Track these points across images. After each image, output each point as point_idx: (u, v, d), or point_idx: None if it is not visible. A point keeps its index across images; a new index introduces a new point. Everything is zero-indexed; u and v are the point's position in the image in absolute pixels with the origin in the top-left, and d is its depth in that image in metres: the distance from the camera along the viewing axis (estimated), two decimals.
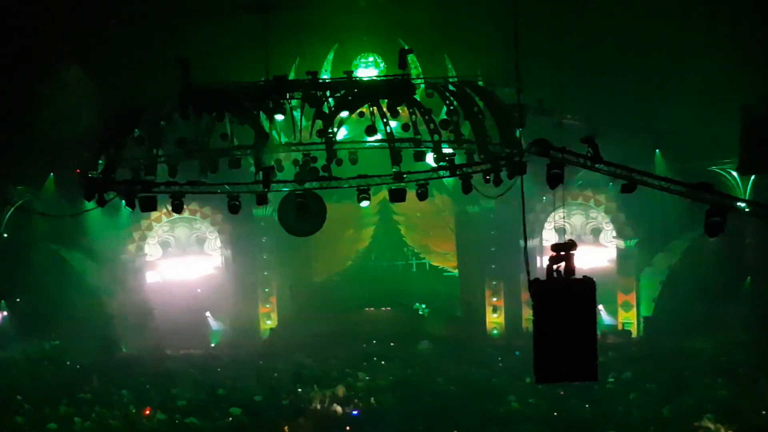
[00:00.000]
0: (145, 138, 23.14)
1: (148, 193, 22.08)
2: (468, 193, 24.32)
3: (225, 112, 23.43)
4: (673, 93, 35.53)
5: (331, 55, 40.21)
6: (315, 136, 24.51)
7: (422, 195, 23.45)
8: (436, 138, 23.74)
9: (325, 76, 34.75)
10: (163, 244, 41.49)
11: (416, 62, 37.15)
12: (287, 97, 23.27)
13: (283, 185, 22.79)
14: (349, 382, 32.08)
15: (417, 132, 24.97)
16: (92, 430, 27.65)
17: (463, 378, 32.84)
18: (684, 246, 39.76)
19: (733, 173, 38.00)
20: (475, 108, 24.41)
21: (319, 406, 29.61)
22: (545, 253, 34.42)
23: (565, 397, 28.94)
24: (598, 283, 15.37)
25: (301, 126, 27.30)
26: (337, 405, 29.42)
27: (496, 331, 40.71)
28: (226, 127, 25.34)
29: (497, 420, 27.82)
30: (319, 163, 23.78)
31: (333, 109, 23.00)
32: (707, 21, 34.67)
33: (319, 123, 23.38)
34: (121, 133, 22.91)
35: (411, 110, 24.36)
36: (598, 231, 40.77)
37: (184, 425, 28.13)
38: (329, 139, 22.97)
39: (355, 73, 36.05)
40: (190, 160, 24.89)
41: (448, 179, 28.20)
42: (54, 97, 38.18)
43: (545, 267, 15.96)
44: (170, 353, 38.39)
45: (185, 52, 23.39)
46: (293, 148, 27.92)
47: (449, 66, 38.96)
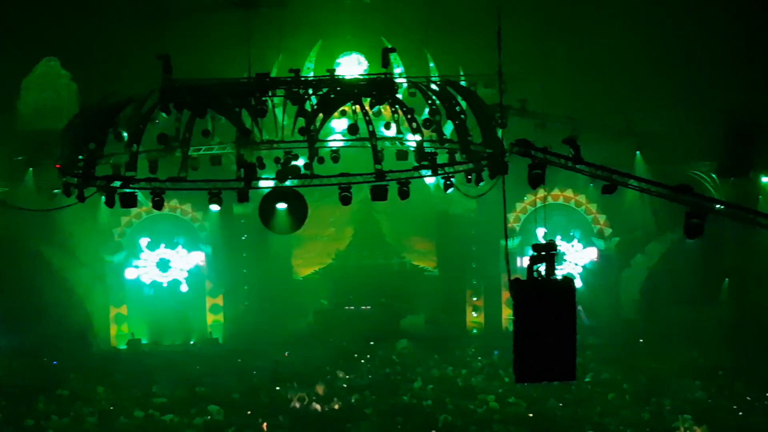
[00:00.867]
0: (125, 134, 23.03)
1: (128, 190, 21.98)
2: (449, 192, 24.34)
3: (206, 109, 23.37)
4: (654, 96, 35.69)
5: (314, 52, 40.15)
6: (297, 134, 24.48)
7: (404, 194, 23.45)
8: (418, 137, 23.74)
9: (308, 74, 34.73)
10: (143, 240, 41.29)
11: (399, 61, 37.18)
12: (269, 94, 23.22)
13: (264, 183, 22.73)
14: (328, 380, 32.07)
15: (399, 131, 24.98)
16: (69, 426, 27.52)
17: (442, 377, 32.90)
18: (663, 248, 39.95)
19: (713, 176, 38.19)
20: (458, 107, 24.42)
21: (298, 405, 29.59)
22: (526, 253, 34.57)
23: (544, 397, 29.05)
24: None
25: (283, 123, 27.27)
26: (316, 403, 29.41)
27: (475, 331, 40.76)
28: (207, 124, 25.26)
29: (476, 419, 27.89)
30: (301, 162, 23.75)
31: (315, 107, 22.96)
32: (689, 25, 34.85)
33: (302, 121, 23.34)
34: (101, 128, 22.79)
35: (393, 109, 24.37)
36: (578, 232, 40.84)
37: (162, 423, 28.06)
38: (311, 137, 22.93)
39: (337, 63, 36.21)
40: (170, 157, 24.80)
41: (430, 179, 28.23)
42: (33, 92, 38.04)
43: (526, 267, 16.03)
44: (148, 350, 38.23)
45: (167, 47, 23.30)
46: (275, 145, 27.91)
47: (432, 65, 38.98)
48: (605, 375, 31.88)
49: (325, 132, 25.84)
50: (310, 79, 23.93)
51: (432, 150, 24.22)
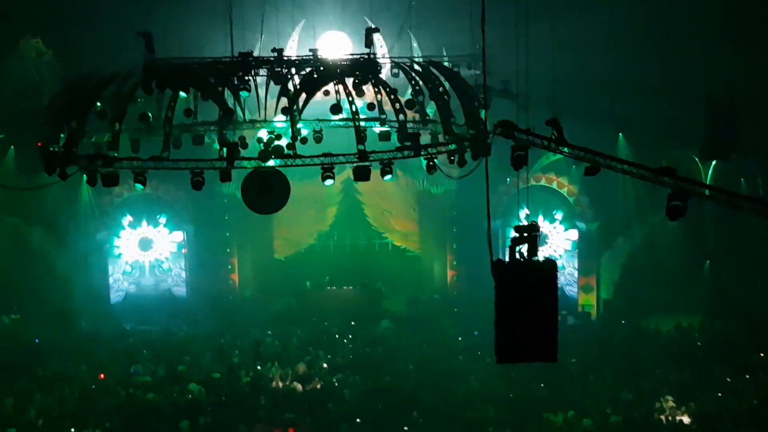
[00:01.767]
0: (107, 112, 22.91)
1: (110, 169, 21.86)
2: (432, 173, 24.34)
3: (189, 88, 23.26)
4: (637, 78, 35.76)
5: (297, 31, 39.99)
6: (280, 114, 24.41)
7: (386, 174, 23.43)
8: (401, 118, 23.70)
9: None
10: (125, 219, 41.19)
11: (382, 41, 37.09)
12: (252, 73, 23.12)
13: (246, 162, 22.65)
14: (309, 360, 32.12)
15: (382, 111, 24.95)
16: (51, 405, 27.49)
17: (424, 358, 32.99)
18: (644, 230, 40.17)
19: (695, 158, 38.34)
20: (441, 88, 24.38)
21: (280, 384, 29.63)
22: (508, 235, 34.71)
23: (525, 378, 29.17)
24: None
25: (266, 103, 27.19)
26: (297, 383, 29.45)
27: (456, 310, 40.84)
28: (189, 103, 25.17)
29: (457, 400, 27.99)
30: (284, 141, 23.68)
31: (298, 86, 22.88)
32: (671, 7, 34.90)
33: (284, 100, 23.25)
34: (82, 107, 22.65)
35: (376, 89, 24.32)
36: (560, 213, 40.99)
37: (144, 401, 28.06)
38: (294, 116, 22.86)
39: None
40: (152, 136, 24.70)
41: (412, 159, 28.19)
42: (15, 70, 37.75)
43: (508, 248, 16.04)
44: (129, 329, 38.18)
45: (148, 26, 23.14)
46: (257, 125, 27.83)
47: (415, 46, 38.91)
48: (586, 356, 32.02)
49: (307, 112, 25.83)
50: (293, 58, 23.76)
51: (415, 131, 24.19)
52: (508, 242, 15.86)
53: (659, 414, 26.33)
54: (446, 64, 33.98)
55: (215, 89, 22.72)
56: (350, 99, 23.03)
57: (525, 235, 15.81)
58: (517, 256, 15.88)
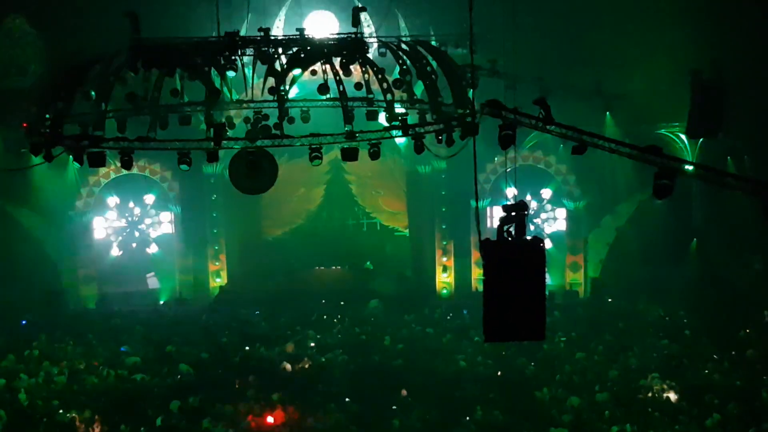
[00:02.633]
0: (93, 93, 22.81)
1: (96, 149, 21.77)
2: (420, 153, 24.33)
3: (176, 68, 23.16)
4: (623, 56, 35.73)
5: (284, 11, 39.79)
6: (267, 94, 24.36)
7: (374, 154, 23.39)
8: (388, 97, 23.68)
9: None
10: (112, 200, 41.07)
11: (369, 20, 36.96)
12: (239, 53, 23.04)
13: (234, 143, 22.60)
14: (298, 340, 32.15)
15: (369, 91, 24.90)
16: (39, 386, 27.45)
17: (412, 337, 33.05)
18: (632, 208, 40.29)
19: (682, 136, 38.40)
20: (428, 68, 24.35)
21: (269, 364, 29.66)
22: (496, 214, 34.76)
23: (513, 356, 29.27)
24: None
25: (252, 83, 27.11)
26: (286, 363, 29.48)
27: (445, 291, 40.95)
28: (176, 83, 25.07)
29: (445, 379, 28.07)
30: (271, 121, 23.63)
31: (285, 66, 22.82)
32: None
33: (271, 80, 23.19)
34: (69, 87, 22.54)
35: (364, 69, 24.27)
36: (548, 192, 41.08)
37: (133, 382, 28.06)
38: (281, 96, 22.81)
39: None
40: (139, 116, 24.63)
41: (400, 139, 28.22)
42: None
43: (496, 227, 16.07)
44: (117, 309, 38.15)
45: (135, 6, 23.02)
46: (245, 105, 27.75)
47: (402, 25, 38.79)
48: (573, 334, 32.14)
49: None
50: (279, 38, 23.67)
51: (403, 110, 24.17)
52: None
53: (647, 392, 26.45)
54: (433, 43, 33.90)
55: (202, 69, 22.64)
56: (337, 78, 22.99)
57: (513, 214, 15.86)
58: (505, 235, 15.94)
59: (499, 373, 28.37)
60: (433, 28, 37.72)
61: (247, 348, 31.38)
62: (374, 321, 35.48)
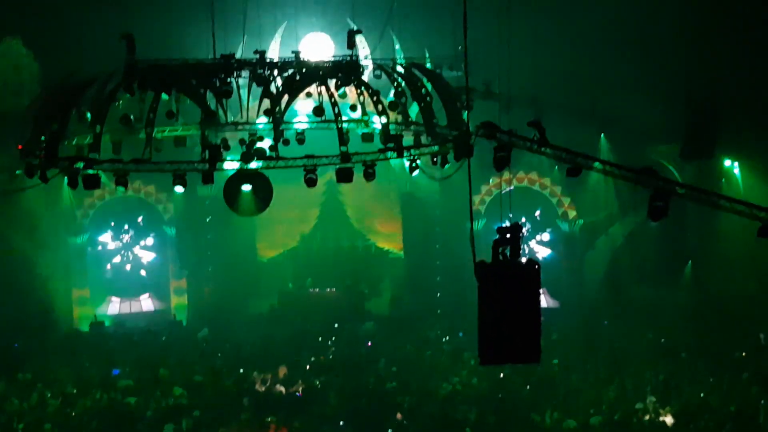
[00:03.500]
0: (88, 115, 22.82)
1: (91, 171, 21.77)
2: (414, 174, 24.36)
3: (171, 89, 23.19)
4: (618, 78, 35.80)
5: (280, 33, 39.89)
6: (262, 116, 24.40)
7: (369, 176, 23.41)
8: (383, 119, 23.72)
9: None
10: (107, 222, 41.00)
11: (365, 43, 37.06)
12: (235, 75, 23.08)
13: (229, 165, 22.60)
14: (292, 362, 32.04)
15: (365, 113, 24.96)
16: (32, 409, 27.31)
17: (406, 358, 32.96)
18: (626, 230, 40.23)
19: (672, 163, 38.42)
20: (423, 90, 24.41)
21: (263, 387, 29.56)
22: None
23: (508, 379, 29.19)
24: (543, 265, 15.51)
25: (248, 105, 27.14)
26: (279, 385, 29.38)
27: (440, 312, 40.81)
28: (171, 105, 25.09)
29: (440, 400, 27.99)
30: (266, 142, 23.67)
31: (280, 88, 22.87)
32: (652, 7, 34.96)
33: (267, 102, 23.23)
34: (64, 108, 22.56)
35: (359, 91, 24.32)
36: (543, 214, 41.09)
37: (126, 405, 27.92)
38: (276, 118, 22.85)
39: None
40: (134, 138, 24.64)
41: (395, 160, 28.20)
42: None
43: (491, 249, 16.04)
44: (111, 331, 37.98)
45: (130, 27, 23.06)
46: (240, 127, 27.76)
47: (397, 47, 38.91)
48: (569, 356, 32.05)
49: (290, 114, 25.81)
50: (275, 60, 23.74)
51: (398, 132, 24.20)
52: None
53: (643, 414, 26.37)
54: (428, 65, 33.99)
55: (197, 91, 22.68)
56: (333, 101, 23.04)
57: (508, 236, 15.83)
58: (500, 257, 15.91)
59: (500, 396, 28.28)
60: (428, 50, 37.84)
61: (241, 370, 31.26)
62: (369, 343, 35.35)
